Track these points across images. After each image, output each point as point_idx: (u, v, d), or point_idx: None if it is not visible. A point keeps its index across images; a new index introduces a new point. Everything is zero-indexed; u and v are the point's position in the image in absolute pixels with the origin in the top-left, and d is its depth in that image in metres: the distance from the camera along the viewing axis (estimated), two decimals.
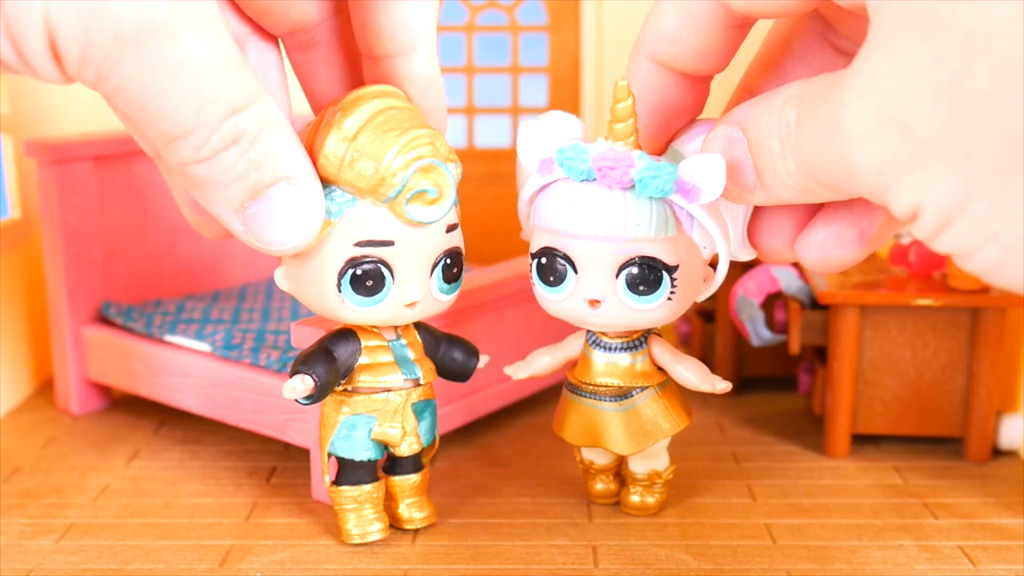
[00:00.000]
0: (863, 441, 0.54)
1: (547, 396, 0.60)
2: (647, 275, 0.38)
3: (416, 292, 0.40)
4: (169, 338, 0.55)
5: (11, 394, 0.60)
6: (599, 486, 0.47)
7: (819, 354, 0.56)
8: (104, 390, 0.60)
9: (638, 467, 0.45)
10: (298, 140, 0.34)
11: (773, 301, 0.56)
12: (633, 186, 0.37)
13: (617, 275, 0.38)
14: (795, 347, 0.54)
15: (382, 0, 0.36)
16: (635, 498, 0.46)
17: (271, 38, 0.39)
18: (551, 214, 0.39)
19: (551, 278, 0.40)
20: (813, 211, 0.35)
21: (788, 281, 0.57)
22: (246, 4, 0.37)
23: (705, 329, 0.62)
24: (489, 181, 0.77)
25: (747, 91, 0.37)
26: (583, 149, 0.38)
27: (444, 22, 0.76)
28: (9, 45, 0.27)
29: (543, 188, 0.40)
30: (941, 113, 0.25)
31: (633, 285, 0.38)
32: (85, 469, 0.52)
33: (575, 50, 0.76)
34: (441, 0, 0.38)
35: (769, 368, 0.62)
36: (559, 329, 0.57)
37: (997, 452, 0.53)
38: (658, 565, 0.42)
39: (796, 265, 0.58)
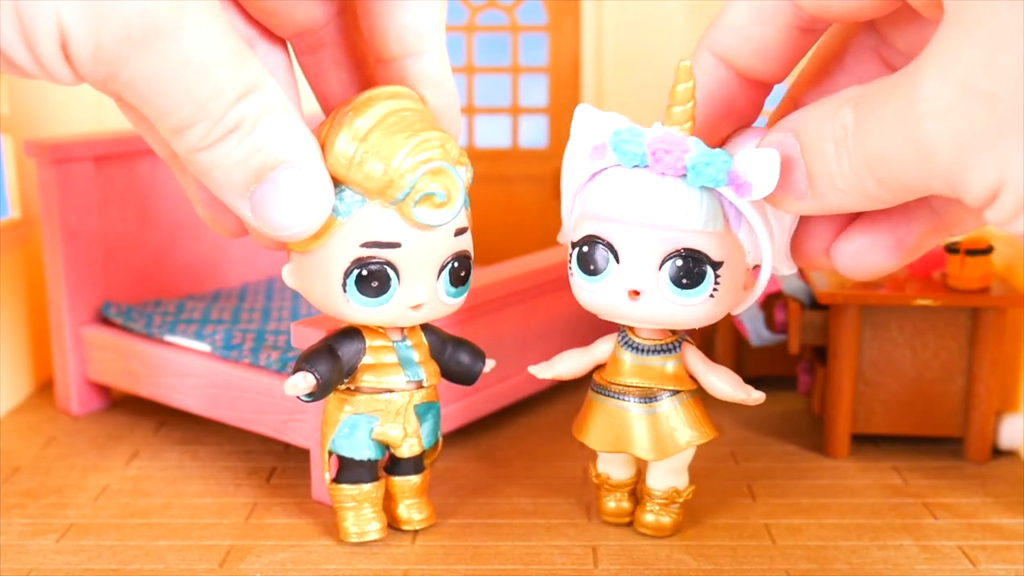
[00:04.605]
0: (863, 441, 0.54)
1: (547, 396, 0.60)
2: (691, 268, 0.37)
3: (422, 295, 0.40)
4: (169, 338, 0.55)
5: (11, 394, 0.60)
6: (611, 504, 0.45)
7: (819, 354, 0.56)
8: (104, 390, 0.60)
9: (657, 483, 0.44)
10: (303, 124, 0.34)
11: (773, 301, 0.56)
12: (685, 174, 0.36)
13: (660, 266, 0.38)
14: (795, 347, 0.54)
15: (387, 2, 0.36)
16: (650, 517, 0.44)
17: (278, 40, 0.39)
18: (598, 200, 0.38)
19: (591, 267, 0.39)
20: (851, 219, 0.35)
21: (788, 281, 0.57)
22: (252, 6, 0.37)
23: (705, 329, 0.62)
24: (489, 181, 0.78)
25: (794, 101, 0.37)
26: (639, 132, 0.37)
27: (445, 22, 0.76)
28: (25, 49, 0.28)
29: (591, 177, 0.39)
30: None
31: (676, 277, 0.38)
32: (85, 469, 0.52)
33: (575, 50, 0.76)
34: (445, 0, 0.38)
35: (769, 368, 0.62)
36: (559, 330, 0.57)
37: (997, 452, 0.53)
38: (658, 565, 0.42)
39: None
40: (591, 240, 0.39)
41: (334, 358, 0.41)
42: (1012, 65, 0.25)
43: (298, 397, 0.40)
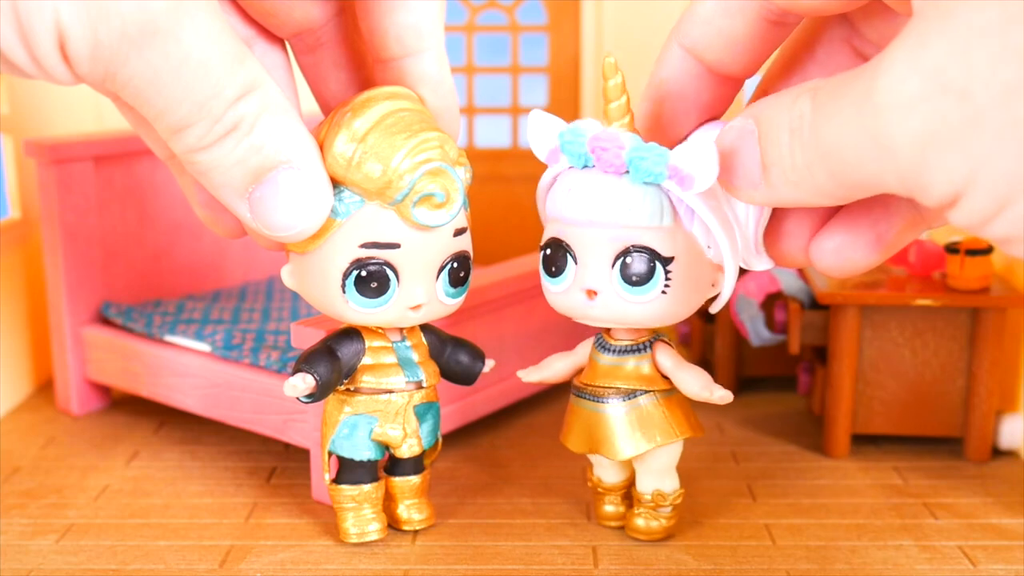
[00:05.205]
0: (863, 441, 0.54)
1: (546, 397, 0.60)
2: (640, 265, 0.38)
3: (421, 295, 0.40)
4: (169, 338, 0.55)
5: (11, 394, 0.60)
6: (608, 508, 0.45)
7: (819, 354, 0.56)
8: (104, 390, 0.60)
9: (643, 485, 0.44)
10: (302, 125, 0.34)
11: (773, 301, 0.56)
12: (628, 171, 0.37)
13: (613, 265, 0.38)
14: (795, 347, 0.54)
15: (387, 2, 0.36)
16: (640, 521, 0.44)
17: (277, 40, 0.39)
18: (556, 203, 0.39)
19: (553, 268, 0.39)
20: (829, 215, 0.35)
21: (788, 281, 0.57)
22: (250, 6, 0.37)
23: (705, 329, 0.62)
24: (489, 181, 0.78)
25: (765, 93, 0.37)
26: (581, 132, 0.37)
27: (444, 22, 0.76)
28: (23, 49, 0.28)
29: (553, 181, 0.40)
30: (1006, 75, 0.23)
31: (627, 275, 0.38)
32: (85, 469, 0.52)
33: (575, 50, 0.76)
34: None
35: (769, 368, 0.62)
36: (558, 330, 0.57)
37: (997, 452, 0.53)
38: (658, 565, 0.42)
39: None
40: (552, 243, 0.39)
41: (333, 359, 0.41)
42: (988, 59, 0.23)
43: (297, 398, 0.40)
